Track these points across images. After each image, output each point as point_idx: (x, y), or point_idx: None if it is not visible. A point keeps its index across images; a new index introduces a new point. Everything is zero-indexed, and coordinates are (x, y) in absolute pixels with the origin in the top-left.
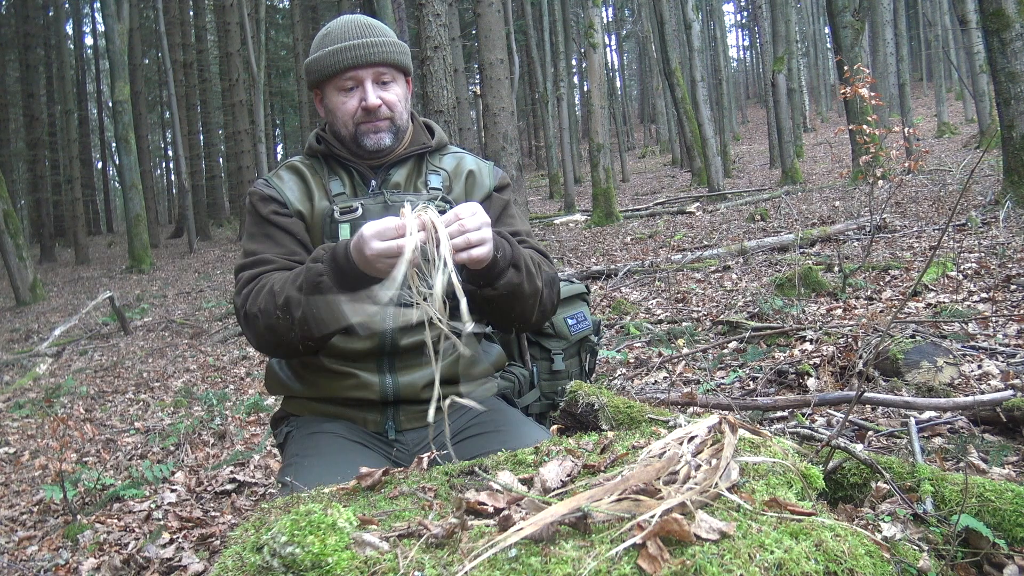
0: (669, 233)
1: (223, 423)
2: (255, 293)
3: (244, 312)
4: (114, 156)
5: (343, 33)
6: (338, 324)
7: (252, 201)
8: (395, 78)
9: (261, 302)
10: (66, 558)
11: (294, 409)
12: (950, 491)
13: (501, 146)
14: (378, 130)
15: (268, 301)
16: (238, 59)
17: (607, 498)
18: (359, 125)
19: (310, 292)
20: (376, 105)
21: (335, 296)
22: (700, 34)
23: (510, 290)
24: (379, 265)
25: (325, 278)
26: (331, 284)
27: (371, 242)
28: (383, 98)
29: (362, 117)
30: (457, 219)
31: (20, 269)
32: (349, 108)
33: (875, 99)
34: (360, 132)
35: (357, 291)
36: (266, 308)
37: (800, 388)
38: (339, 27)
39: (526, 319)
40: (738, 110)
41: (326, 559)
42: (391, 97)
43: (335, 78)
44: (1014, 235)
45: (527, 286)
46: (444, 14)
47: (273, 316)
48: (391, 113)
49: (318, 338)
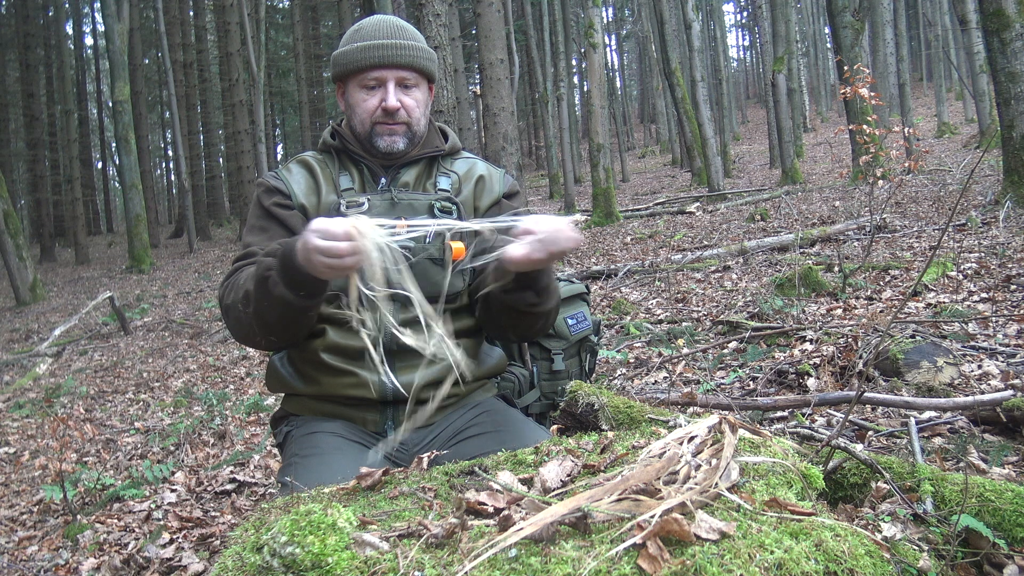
0: (669, 233)
1: (223, 423)
2: (231, 286)
3: (223, 304)
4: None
5: (375, 31)
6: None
7: (258, 192)
8: (418, 83)
9: (231, 295)
10: (66, 558)
11: (294, 408)
12: (950, 491)
13: (501, 146)
14: (393, 133)
15: (235, 294)
16: (238, 59)
17: (607, 498)
18: (376, 125)
19: (259, 287)
20: (395, 107)
21: (281, 293)
22: (700, 34)
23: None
24: (315, 260)
25: (273, 272)
26: (278, 280)
27: (313, 237)
28: (403, 101)
29: (380, 117)
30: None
31: (20, 269)
32: (369, 106)
33: (875, 99)
34: (375, 132)
35: (301, 290)
36: (233, 301)
37: (800, 388)
38: (372, 25)
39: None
40: (738, 110)
41: (326, 559)
42: (411, 102)
43: (359, 74)
44: (1014, 235)
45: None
46: (444, 14)
47: (237, 309)
48: (408, 118)
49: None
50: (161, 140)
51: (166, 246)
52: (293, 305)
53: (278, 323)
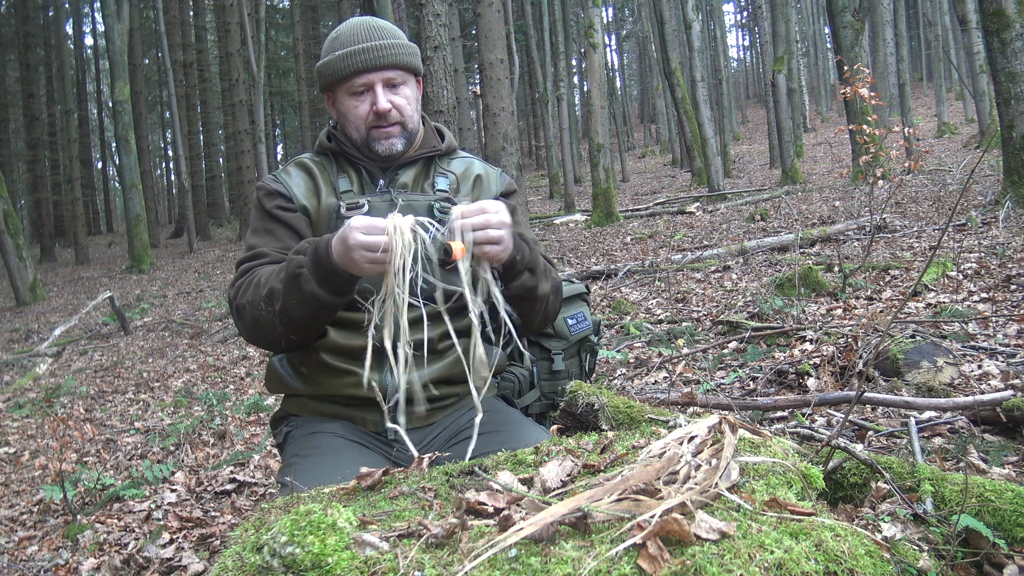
0: (669, 233)
1: (223, 423)
2: (245, 285)
3: (235, 304)
4: (114, 156)
5: (352, 36)
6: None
7: (259, 196)
8: (405, 80)
9: (249, 294)
10: (66, 558)
11: (294, 409)
12: (950, 491)
13: (501, 146)
14: (390, 136)
15: (255, 293)
16: (238, 59)
17: (607, 498)
18: (371, 130)
19: (289, 284)
20: (386, 109)
21: (312, 290)
22: (700, 34)
23: (522, 292)
24: (356, 256)
25: (305, 270)
26: (310, 277)
27: (356, 233)
28: (393, 102)
29: (374, 121)
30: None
31: (20, 269)
32: (361, 112)
33: (875, 99)
34: (372, 138)
35: (334, 287)
36: (253, 300)
37: (800, 388)
38: (347, 30)
39: (529, 323)
40: (738, 110)
41: (326, 559)
42: (401, 101)
43: (345, 82)
44: (1014, 235)
45: (539, 290)
46: (444, 14)
47: (258, 308)
48: (402, 117)
49: (301, 332)
50: (161, 140)
51: (166, 246)
52: (323, 302)
53: (304, 321)
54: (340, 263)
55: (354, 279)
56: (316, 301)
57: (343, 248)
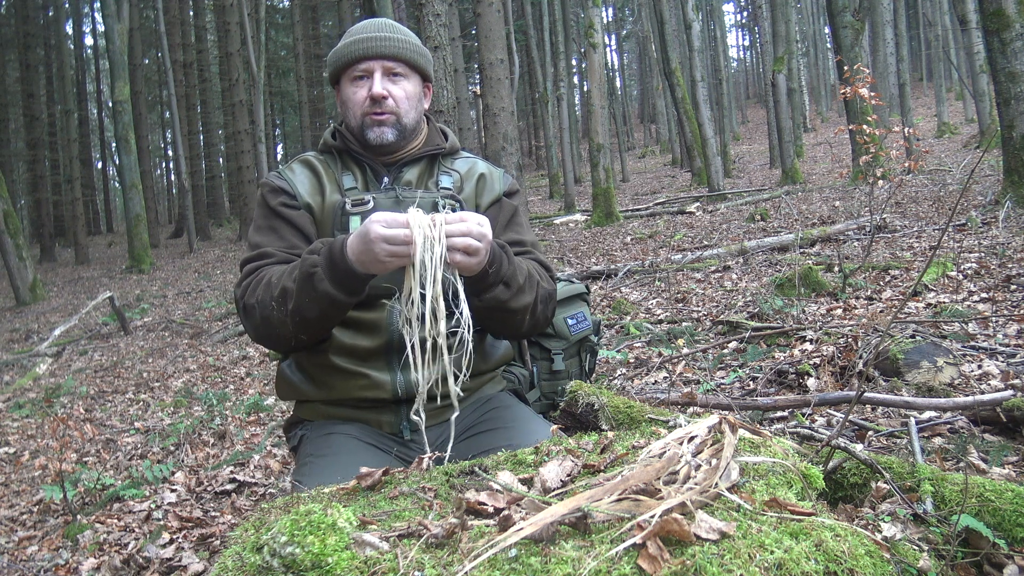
0: (669, 233)
1: (223, 423)
2: (254, 285)
3: (243, 303)
4: (114, 156)
5: (363, 29)
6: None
7: (263, 192)
8: (408, 75)
9: (259, 293)
10: (66, 558)
11: (307, 415)
12: (950, 491)
13: (501, 146)
14: (382, 124)
15: (265, 292)
16: (238, 59)
17: (607, 498)
18: (365, 116)
19: (303, 284)
20: (381, 95)
21: (326, 289)
22: (700, 34)
23: (494, 305)
24: (377, 249)
25: (319, 270)
26: (323, 276)
27: (376, 226)
28: (390, 91)
29: (368, 108)
30: (462, 220)
31: (20, 269)
32: (359, 98)
33: (875, 99)
34: (365, 125)
35: (348, 287)
36: (263, 299)
37: (800, 388)
38: (361, 25)
39: (512, 331)
40: (738, 110)
41: (326, 559)
42: (399, 92)
43: (348, 69)
44: (1014, 235)
45: (514, 303)
46: (444, 14)
47: (269, 307)
48: (397, 108)
49: (312, 331)
50: (161, 140)
51: (166, 246)
52: (336, 302)
53: (316, 320)
54: (356, 260)
55: (368, 278)
56: (330, 300)
57: (362, 243)
